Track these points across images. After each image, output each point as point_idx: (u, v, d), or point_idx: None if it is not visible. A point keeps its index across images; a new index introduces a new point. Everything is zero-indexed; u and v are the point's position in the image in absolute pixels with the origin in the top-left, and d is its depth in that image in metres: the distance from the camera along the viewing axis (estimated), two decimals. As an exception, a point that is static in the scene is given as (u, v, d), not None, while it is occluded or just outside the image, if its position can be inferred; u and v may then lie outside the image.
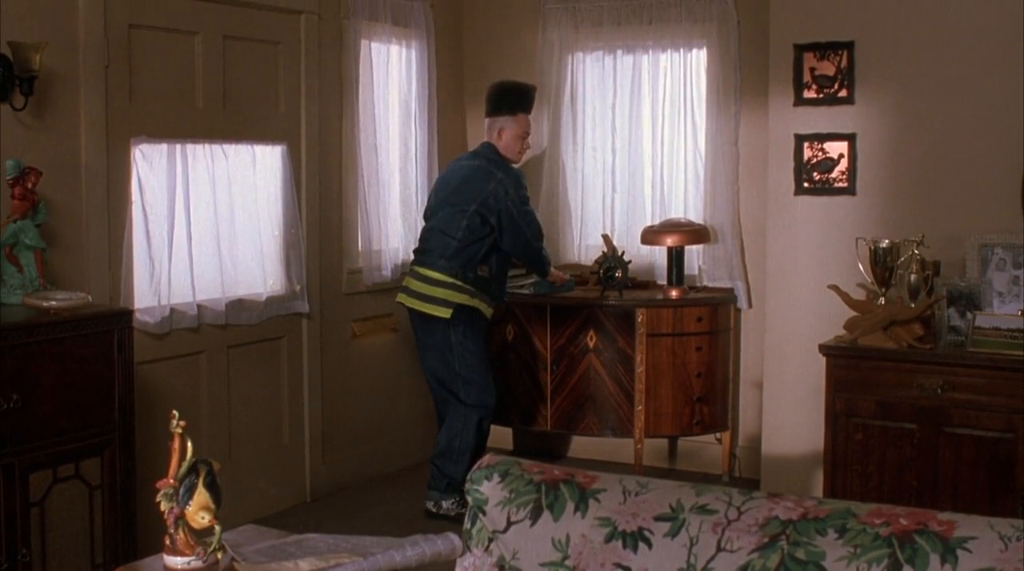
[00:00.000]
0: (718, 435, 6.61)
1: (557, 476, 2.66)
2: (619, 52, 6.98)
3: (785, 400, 5.76)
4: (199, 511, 2.49)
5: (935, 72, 5.40)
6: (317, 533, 3.00)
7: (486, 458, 2.75)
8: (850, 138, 5.55)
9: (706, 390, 6.38)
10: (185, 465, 2.52)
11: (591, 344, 6.35)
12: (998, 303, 5.04)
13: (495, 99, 6.14)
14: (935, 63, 5.39)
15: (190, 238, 5.47)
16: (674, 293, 6.37)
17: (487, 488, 2.66)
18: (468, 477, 2.71)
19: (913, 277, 5.05)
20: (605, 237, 6.62)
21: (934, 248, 5.13)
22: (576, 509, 2.56)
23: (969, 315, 4.92)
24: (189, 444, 2.53)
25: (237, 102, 5.77)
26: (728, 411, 6.56)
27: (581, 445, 6.97)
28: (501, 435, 7.07)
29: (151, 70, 5.32)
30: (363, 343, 6.67)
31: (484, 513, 2.65)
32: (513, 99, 6.10)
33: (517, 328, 6.60)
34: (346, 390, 6.53)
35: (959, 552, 2.23)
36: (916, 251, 5.05)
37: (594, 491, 2.59)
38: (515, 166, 6.14)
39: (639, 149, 6.90)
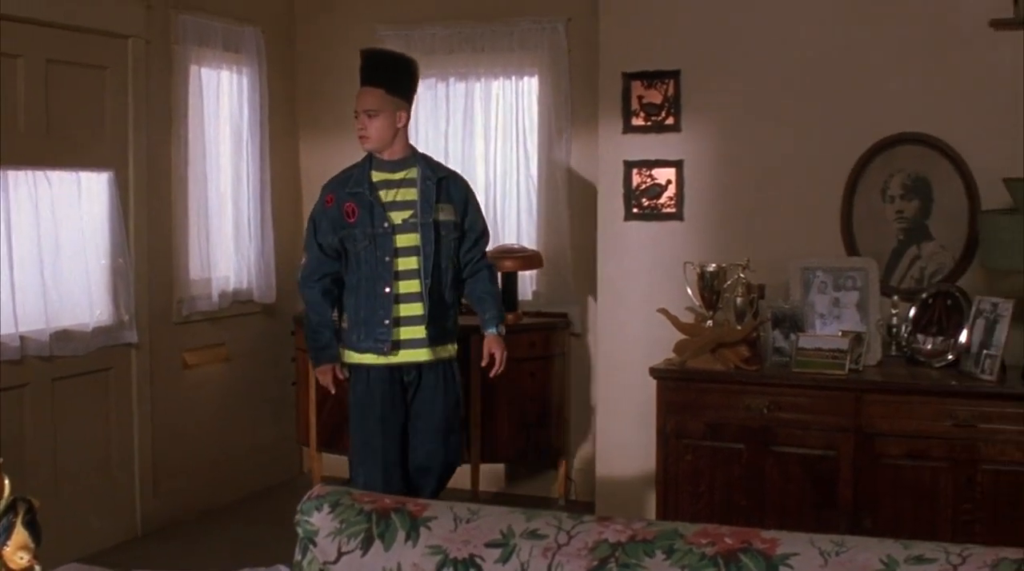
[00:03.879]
0: (554, 459, 6.66)
1: (388, 505, 2.64)
2: (452, 79, 7.02)
3: (618, 423, 5.84)
4: (17, 551, 2.41)
5: (758, 100, 5.55)
6: (143, 569, 2.94)
7: (316, 488, 2.73)
8: (677, 165, 5.66)
9: (541, 415, 6.42)
10: (2, 504, 2.44)
11: (427, 370, 6.34)
12: (820, 324, 5.19)
13: None
14: (758, 91, 5.54)
15: (12, 267, 5.32)
16: (508, 318, 6.39)
17: (317, 519, 2.63)
18: (298, 508, 2.68)
19: (739, 300, 5.17)
20: (439, 263, 6.63)
21: (759, 272, 5.25)
22: (407, 538, 2.55)
23: (793, 336, 5.06)
24: (6, 482, 2.45)
25: (61, 128, 5.63)
26: (563, 435, 6.61)
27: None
28: (337, 464, 7.00)
29: (-31, 95, 5.18)
30: (195, 373, 6.55)
31: (315, 544, 2.62)
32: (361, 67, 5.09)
33: (352, 355, 6.55)
34: (178, 421, 6.41)
35: (781, 568, 2.28)
36: (742, 274, 5.17)
37: (425, 519, 2.59)
38: (367, 158, 5.01)
39: (472, 175, 6.89)
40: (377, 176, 4.92)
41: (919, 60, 5.29)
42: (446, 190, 4.98)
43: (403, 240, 4.84)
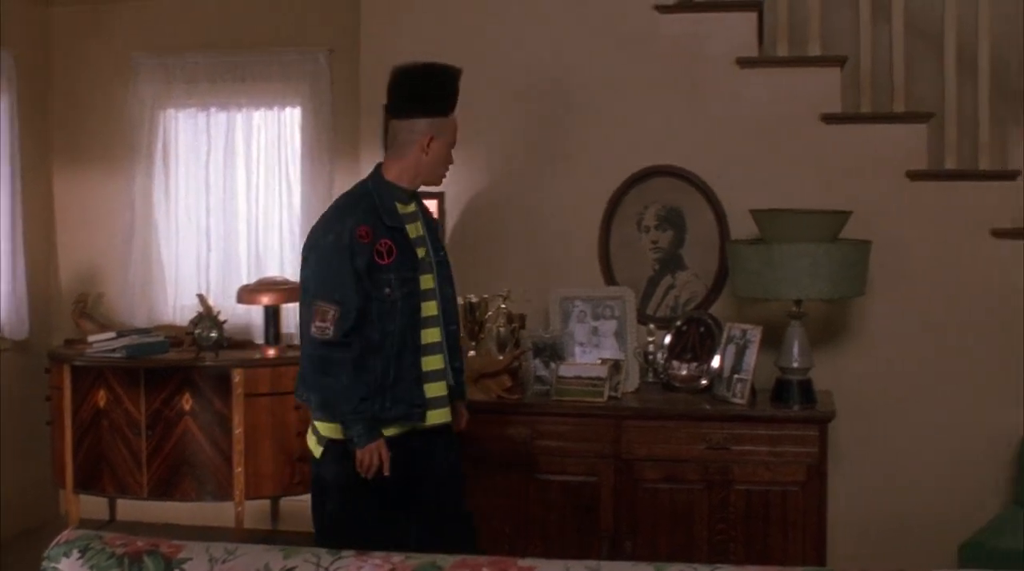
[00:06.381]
0: (320, 493, 6.59)
1: (140, 548, 2.58)
2: (213, 109, 6.92)
3: (384, 455, 5.81)
4: None
5: (519, 133, 5.64)
6: None
7: (64, 533, 2.64)
8: (439, 196, 5.68)
9: (307, 449, 6.33)
10: None
11: (187, 407, 6.20)
12: (580, 353, 5.28)
13: (412, 90, 4.30)
14: (518, 124, 5.64)
15: None
16: (271, 352, 6.34)
17: (66, 565, 2.56)
18: (45, 555, 2.59)
19: (501, 330, 5.23)
20: (200, 297, 6.51)
21: (520, 302, 5.32)
22: (160, 581, 2.50)
23: (553, 365, 5.14)
24: None
25: None
26: (330, 468, 6.55)
27: (182, 511, 6.77)
28: (95, 506, 6.78)
29: None
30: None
31: (62, 591, 2.54)
32: (438, 92, 4.33)
33: (109, 393, 6.35)
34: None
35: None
36: (503, 305, 5.23)
37: (179, 561, 2.54)
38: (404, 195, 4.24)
39: (234, 207, 6.86)
40: (401, 207, 4.20)
41: (672, 96, 5.49)
42: (430, 218, 4.42)
43: (424, 282, 4.19)
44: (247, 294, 6.42)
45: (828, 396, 5.09)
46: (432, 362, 4.21)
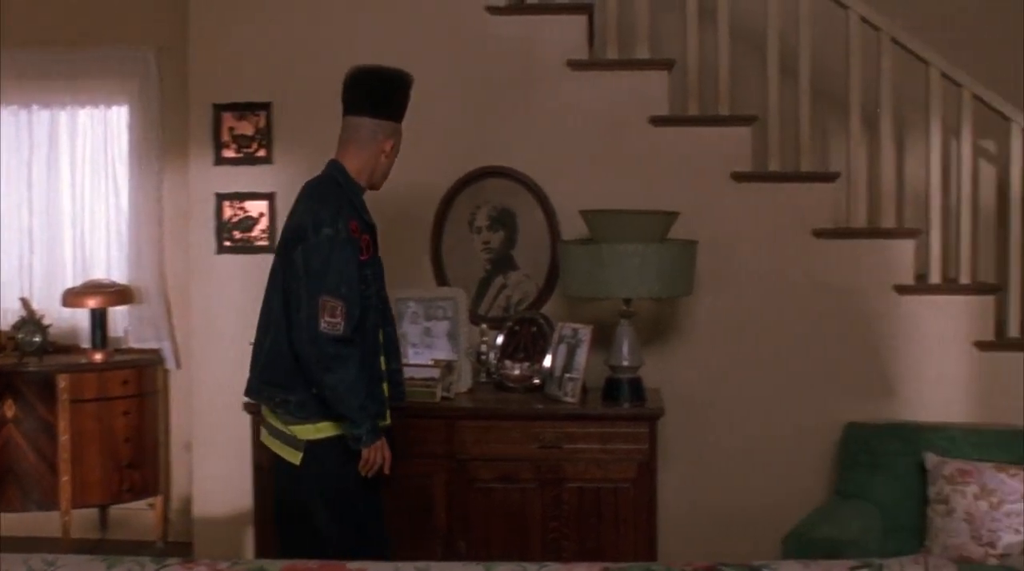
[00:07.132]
0: (151, 500, 6.48)
1: (-48, 561, 2.51)
2: (35, 107, 6.76)
3: (215, 460, 5.72)
4: None
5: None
6: None
7: None
8: (269, 197, 5.63)
9: (136, 455, 6.25)
10: None
11: (10, 414, 6.04)
12: (412, 353, 5.27)
13: (385, 92, 4.22)
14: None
15: None
16: (98, 356, 6.22)
17: None
18: None
19: (334, 332, 5.19)
20: (23, 300, 6.33)
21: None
22: (-27, 595, 2.43)
23: (387, 366, 5.13)
24: None
25: None
26: (160, 475, 6.45)
27: (6, 522, 6.55)
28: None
29: None
30: None
31: None
32: (404, 99, 4.25)
33: (-73, 401, 6.16)
34: None
35: (357, 600, 2.33)
36: (336, 307, 5.20)
37: (-5, 574, 2.47)
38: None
39: (58, 208, 6.70)
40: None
41: (503, 97, 5.52)
42: None
43: None
44: (72, 297, 6.29)
45: (657, 394, 5.18)
46: (381, 362, 4.16)
